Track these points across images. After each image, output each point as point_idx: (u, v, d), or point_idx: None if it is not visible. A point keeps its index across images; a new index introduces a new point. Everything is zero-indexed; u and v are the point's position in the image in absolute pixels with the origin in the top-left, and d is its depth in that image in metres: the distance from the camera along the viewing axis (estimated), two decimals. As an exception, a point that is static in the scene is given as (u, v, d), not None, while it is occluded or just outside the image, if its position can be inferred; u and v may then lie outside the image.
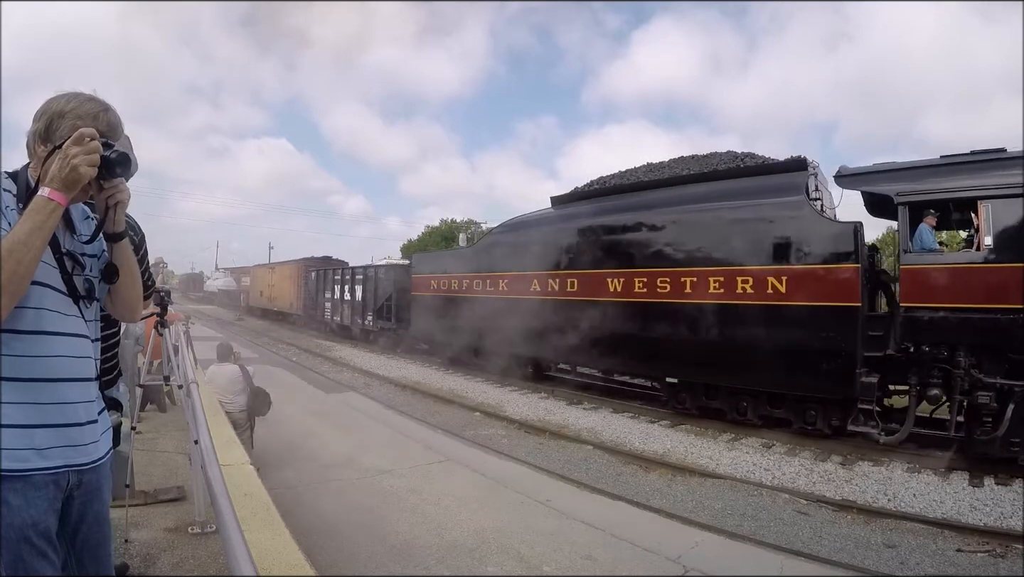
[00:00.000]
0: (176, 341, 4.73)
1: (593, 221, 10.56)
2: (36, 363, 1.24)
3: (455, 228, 44.30)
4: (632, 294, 9.36)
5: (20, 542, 1.16)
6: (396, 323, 17.04)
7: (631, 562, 4.21)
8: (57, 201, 1.20)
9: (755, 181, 8.62)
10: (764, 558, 4.48)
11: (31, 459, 1.20)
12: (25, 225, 1.17)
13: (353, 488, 5.57)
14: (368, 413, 9.45)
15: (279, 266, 29.70)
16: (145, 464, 4.13)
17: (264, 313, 31.47)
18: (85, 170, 1.21)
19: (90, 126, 1.28)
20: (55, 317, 1.28)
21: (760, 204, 8.10)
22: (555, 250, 11.01)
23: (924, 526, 5.23)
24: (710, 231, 8.52)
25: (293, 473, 5.90)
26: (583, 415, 9.66)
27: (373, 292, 18.40)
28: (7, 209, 1.25)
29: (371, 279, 18.72)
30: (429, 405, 10.64)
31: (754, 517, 5.48)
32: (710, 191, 8.97)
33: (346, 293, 20.63)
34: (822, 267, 7.34)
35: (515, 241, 12.21)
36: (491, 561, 4.08)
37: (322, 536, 4.35)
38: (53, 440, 1.24)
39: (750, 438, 8.11)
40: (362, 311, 19.30)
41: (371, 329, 18.89)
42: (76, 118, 1.30)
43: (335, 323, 21.92)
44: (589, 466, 7.04)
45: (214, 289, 48.04)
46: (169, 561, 2.75)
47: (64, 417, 1.28)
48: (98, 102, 1.36)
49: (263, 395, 5.88)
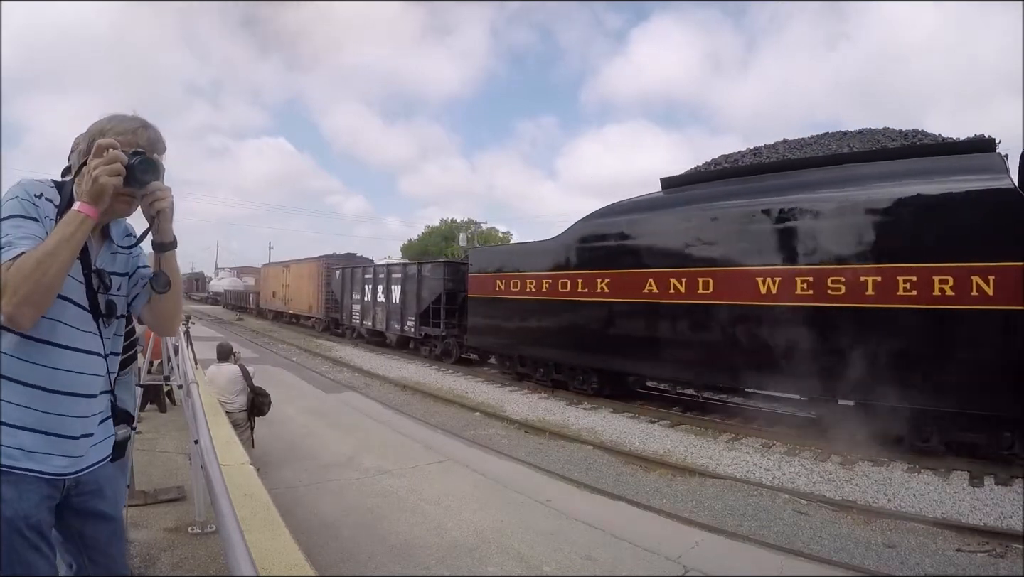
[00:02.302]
0: (176, 341, 4.72)
1: (736, 206, 8.45)
2: (38, 371, 1.25)
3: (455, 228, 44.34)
4: (793, 297, 7.54)
5: (13, 534, 1.18)
6: (446, 329, 15.04)
7: (631, 562, 4.21)
8: (86, 213, 1.21)
9: (934, 162, 7.08)
10: (764, 558, 4.48)
11: (19, 458, 1.21)
12: (55, 236, 1.19)
13: (353, 488, 5.56)
14: (368, 413, 9.45)
15: (295, 265, 27.26)
16: (145, 464, 4.13)
17: (277, 316, 29.68)
18: (105, 180, 1.22)
19: (130, 141, 1.31)
20: (70, 331, 1.29)
21: (957, 188, 6.56)
22: (677, 242, 9.00)
23: (924, 526, 5.22)
24: (896, 221, 6.90)
25: (293, 473, 5.90)
26: (583, 415, 9.66)
27: (416, 293, 16.12)
28: (45, 219, 1.27)
29: (413, 278, 16.36)
30: (429, 405, 10.65)
31: (754, 517, 5.48)
32: (879, 172, 7.35)
33: (379, 294, 18.32)
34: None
35: (618, 232, 10.03)
36: (491, 561, 4.08)
37: (322, 536, 4.35)
38: (42, 446, 1.25)
39: (750, 438, 8.12)
40: (401, 315, 16.95)
41: (412, 336, 16.70)
42: (116, 135, 1.32)
43: (365, 328, 19.73)
44: (589, 466, 7.04)
45: (219, 289, 47.06)
46: (169, 561, 2.75)
47: (57, 428, 1.28)
48: (138, 120, 1.39)
49: (263, 395, 5.87)
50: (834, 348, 7.22)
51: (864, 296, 7.00)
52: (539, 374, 11.76)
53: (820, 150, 9.10)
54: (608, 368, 10.37)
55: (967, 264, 6.33)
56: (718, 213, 8.67)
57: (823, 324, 7.37)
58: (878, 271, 6.94)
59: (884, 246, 6.95)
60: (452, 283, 15.02)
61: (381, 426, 8.49)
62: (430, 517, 4.84)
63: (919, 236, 6.72)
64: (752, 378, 8.40)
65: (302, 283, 25.47)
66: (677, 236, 9.04)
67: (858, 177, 7.47)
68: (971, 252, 6.32)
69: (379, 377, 13.52)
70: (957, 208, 6.51)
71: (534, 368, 11.89)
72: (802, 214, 7.72)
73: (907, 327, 6.75)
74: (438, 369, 14.59)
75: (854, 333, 7.07)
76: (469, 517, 4.88)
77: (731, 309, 8.23)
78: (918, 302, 6.63)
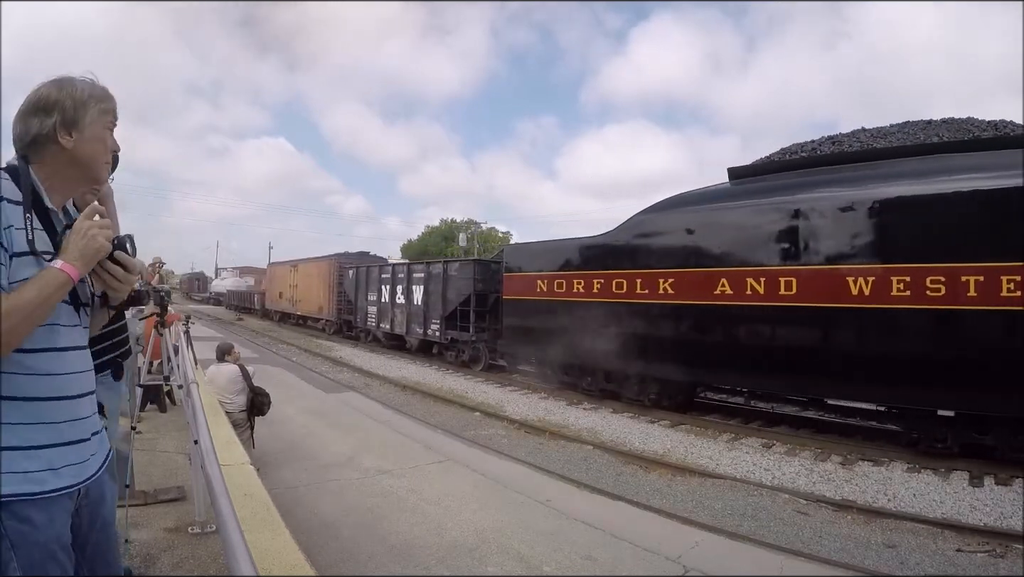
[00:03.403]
0: (176, 341, 4.73)
1: (826, 199, 7.49)
2: (47, 382, 1.19)
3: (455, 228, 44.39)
4: (892, 299, 6.74)
5: (47, 560, 1.14)
6: (476, 334, 13.93)
7: (631, 562, 4.21)
8: (71, 276, 1.15)
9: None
10: (764, 558, 4.48)
11: (48, 480, 1.16)
12: (32, 297, 1.09)
13: (353, 488, 5.57)
14: (368, 413, 9.45)
15: (304, 264, 25.73)
16: (145, 464, 4.13)
17: (284, 317, 28.32)
18: (103, 243, 1.18)
19: (107, 107, 1.27)
20: (65, 331, 1.23)
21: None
22: (755, 237, 8.04)
23: (924, 526, 5.22)
24: None
25: (293, 473, 5.90)
26: (583, 415, 9.66)
27: (441, 294, 14.97)
28: (6, 230, 1.11)
29: (438, 278, 15.24)
30: (429, 405, 10.65)
31: (754, 517, 5.48)
32: (975, 163, 6.74)
33: (399, 295, 17.11)
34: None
35: (684, 226, 8.98)
36: (491, 561, 4.08)
37: (322, 536, 4.35)
38: (67, 458, 1.21)
39: (750, 438, 8.12)
40: (423, 318, 15.79)
41: (436, 340, 15.49)
42: (98, 102, 1.26)
43: (382, 332, 18.45)
44: (589, 466, 7.04)
45: (222, 290, 45.45)
46: (169, 561, 2.75)
47: (76, 434, 1.24)
48: (99, 86, 1.32)
49: (263, 395, 5.88)
50: (949, 355, 6.49)
51: (993, 297, 6.14)
52: (586, 383, 10.74)
53: (904, 139, 8.50)
54: (670, 378, 9.43)
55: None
56: (805, 206, 7.60)
57: (940, 328, 6.55)
58: (1003, 270, 6.08)
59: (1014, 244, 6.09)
60: (482, 283, 14.01)
61: (381, 426, 8.49)
62: (430, 517, 4.84)
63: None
64: (842, 388, 7.70)
65: (311, 283, 24.14)
66: (755, 231, 8.05)
67: (956, 168, 6.81)
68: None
69: (379, 377, 13.52)
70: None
71: (580, 376, 10.87)
72: (909, 206, 6.84)
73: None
74: (438, 369, 14.60)
75: (978, 337, 6.34)
76: (469, 517, 4.88)
77: (817, 312, 7.37)
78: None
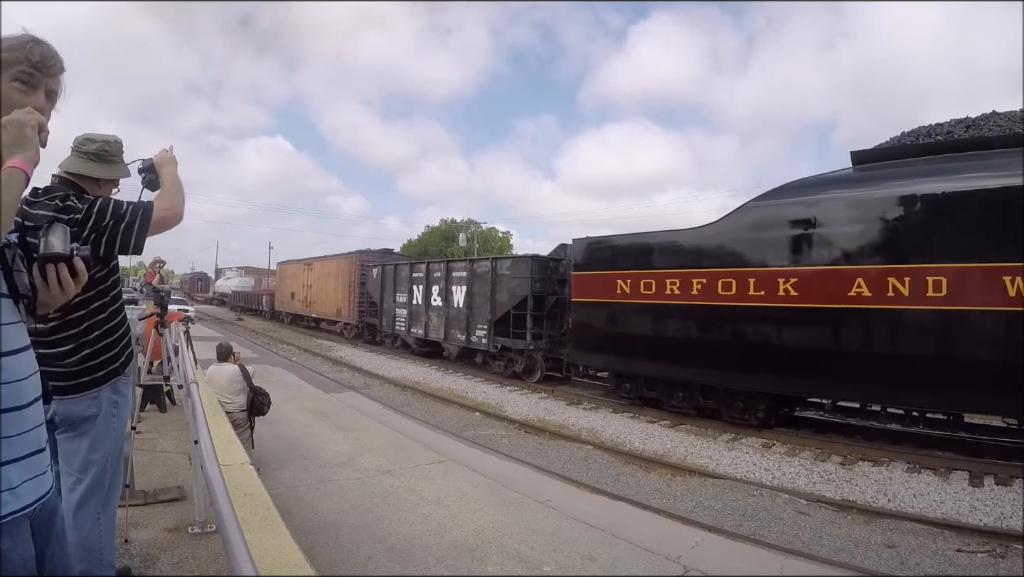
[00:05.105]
0: (176, 341, 4.72)
1: (976, 189, 6.48)
2: (9, 389, 1.07)
3: (455, 228, 44.40)
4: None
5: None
6: (533, 341, 12.33)
7: (631, 562, 4.21)
8: (18, 167, 1.04)
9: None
10: (764, 558, 4.48)
11: (9, 502, 1.05)
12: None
13: (353, 488, 5.56)
14: (368, 413, 9.45)
15: (319, 262, 23.67)
16: (145, 464, 4.14)
17: (296, 320, 26.50)
18: (27, 118, 1.09)
19: (19, 58, 1.22)
20: (11, 330, 1.10)
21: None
22: (892, 231, 6.98)
23: (924, 526, 5.23)
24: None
25: (293, 473, 5.90)
26: (583, 415, 9.67)
27: (489, 296, 13.24)
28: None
29: (484, 277, 13.50)
30: (429, 405, 10.65)
31: (754, 517, 5.48)
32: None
33: (434, 297, 15.38)
34: None
35: (804, 218, 7.64)
36: (491, 561, 4.08)
37: (322, 536, 4.35)
38: (24, 474, 1.09)
39: (750, 438, 8.12)
40: (466, 323, 14.01)
41: (482, 348, 13.72)
42: (7, 52, 1.21)
43: (414, 337, 16.58)
44: (589, 466, 7.04)
45: (227, 290, 43.50)
46: (169, 561, 2.75)
47: (31, 445, 1.12)
48: (26, 35, 1.27)
49: (263, 395, 5.87)
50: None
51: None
52: (677, 399, 9.39)
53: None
54: (787, 392, 8.35)
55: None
56: (952, 196, 6.60)
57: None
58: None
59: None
60: (540, 284, 12.40)
61: (381, 426, 8.48)
62: (430, 517, 4.84)
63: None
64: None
65: (328, 283, 22.09)
66: (894, 223, 7.02)
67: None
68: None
69: (379, 377, 13.53)
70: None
71: (668, 392, 9.52)
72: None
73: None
74: (438, 369, 14.59)
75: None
76: (469, 517, 4.87)
77: (967, 315, 6.44)
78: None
